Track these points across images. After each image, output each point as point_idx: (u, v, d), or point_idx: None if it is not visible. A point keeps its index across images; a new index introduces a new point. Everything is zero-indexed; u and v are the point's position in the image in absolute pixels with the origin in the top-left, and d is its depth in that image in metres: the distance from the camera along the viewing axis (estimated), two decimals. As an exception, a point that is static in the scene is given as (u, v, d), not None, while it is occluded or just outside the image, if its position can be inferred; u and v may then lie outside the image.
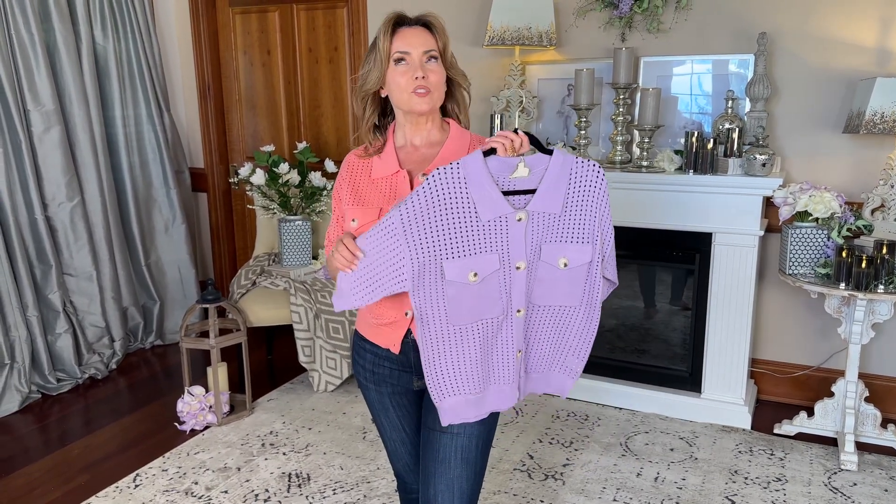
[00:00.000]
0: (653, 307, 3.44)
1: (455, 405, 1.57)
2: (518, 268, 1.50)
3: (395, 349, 1.66)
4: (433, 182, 1.43)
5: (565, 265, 1.52)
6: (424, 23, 1.61)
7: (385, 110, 1.70)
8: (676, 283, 3.38)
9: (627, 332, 3.48)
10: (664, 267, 3.36)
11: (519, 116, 3.51)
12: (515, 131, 1.49)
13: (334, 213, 1.72)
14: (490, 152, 1.46)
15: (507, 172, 1.46)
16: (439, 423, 1.66)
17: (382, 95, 1.65)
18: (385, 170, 1.63)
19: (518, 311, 1.53)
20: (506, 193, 1.46)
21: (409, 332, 1.63)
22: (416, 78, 1.56)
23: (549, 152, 1.48)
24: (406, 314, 1.61)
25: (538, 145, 1.51)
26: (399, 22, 1.60)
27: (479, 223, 1.45)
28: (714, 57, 3.26)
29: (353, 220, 1.62)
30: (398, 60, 1.58)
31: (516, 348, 1.57)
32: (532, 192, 1.48)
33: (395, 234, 1.44)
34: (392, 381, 1.71)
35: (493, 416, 1.73)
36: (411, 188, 1.60)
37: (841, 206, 2.85)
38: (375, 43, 1.60)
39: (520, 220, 1.46)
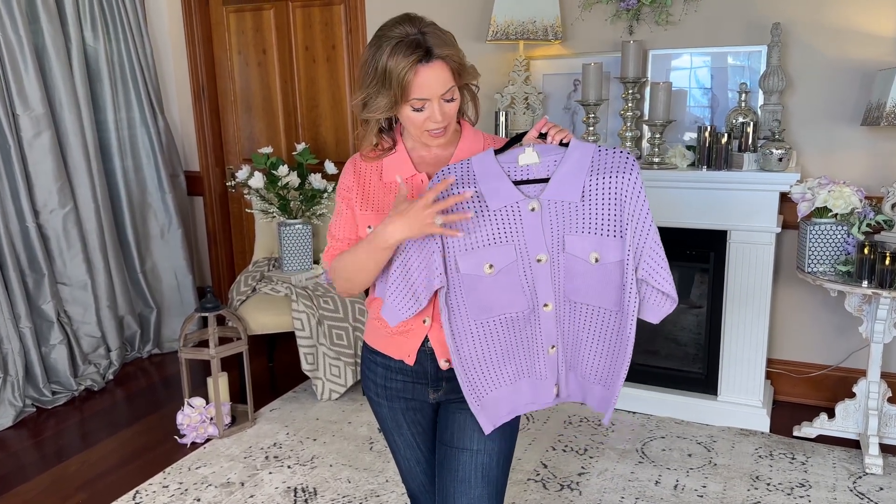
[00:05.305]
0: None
1: (494, 401, 1.51)
2: (539, 260, 1.44)
3: (410, 360, 1.56)
4: (443, 177, 1.44)
5: (596, 260, 1.43)
6: (439, 56, 1.38)
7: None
8: (691, 282, 3.28)
9: (639, 333, 3.34)
10: (678, 266, 3.25)
11: (524, 111, 3.41)
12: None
13: (338, 208, 1.59)
14: (501, 150, 1.44)
15: (516, 161, 1.43)
16: (457, 440, 1.57)
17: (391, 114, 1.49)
18: (399, 173, 1.52)
19: (545, 304, 1.47)
20: (518, 183, 1.42)
21: (426, 339, 1.54)
22: (435, 122, 1.44)
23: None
24: (424, 322, 1.52)
25: None
26: (419, 58, 1.37)
27: (488, 212, 1.42)
28: (725, 49, 3.16)
29: (369, 228, 1.52)
30: (416, 109, 1.42)
31: (549, 343, 1.51)
32: (547, 181, 1.43)
33: None
34: (406, 396, 1.61)
35: (514, 432, 1.63)
36: None
37: (861, 201, 2.76)
38: (384, 72, 1.38)
39: (532, 209, 1.41)
